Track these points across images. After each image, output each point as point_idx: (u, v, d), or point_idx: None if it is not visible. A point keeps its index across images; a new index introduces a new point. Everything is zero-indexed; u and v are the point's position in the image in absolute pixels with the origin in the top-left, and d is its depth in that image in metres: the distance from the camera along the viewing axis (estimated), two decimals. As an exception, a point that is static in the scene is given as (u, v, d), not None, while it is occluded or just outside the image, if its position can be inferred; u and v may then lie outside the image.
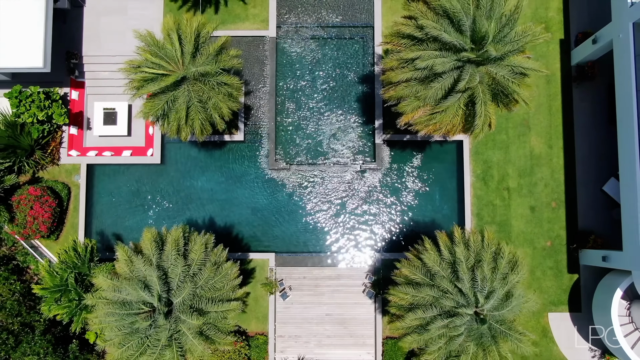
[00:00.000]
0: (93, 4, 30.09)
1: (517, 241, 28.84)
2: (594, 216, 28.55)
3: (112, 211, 29.54)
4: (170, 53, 21.85)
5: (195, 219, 29.51)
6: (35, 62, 25.79)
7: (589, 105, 29.14)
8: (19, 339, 25.77)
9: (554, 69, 29.70)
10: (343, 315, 28.73)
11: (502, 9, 20.05)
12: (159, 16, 30.11)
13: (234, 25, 29.97)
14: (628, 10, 24.40)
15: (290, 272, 28.85)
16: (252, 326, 28.53)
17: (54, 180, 28.99)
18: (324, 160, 29.68)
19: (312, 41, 30.30)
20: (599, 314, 26.54)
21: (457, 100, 21.26)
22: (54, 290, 25.05)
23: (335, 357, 28.65)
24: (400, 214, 29.53)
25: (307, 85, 30.11)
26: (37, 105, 26.51)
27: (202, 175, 29.89)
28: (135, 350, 19.53)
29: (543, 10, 29.96)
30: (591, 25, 29.03)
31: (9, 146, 27.26)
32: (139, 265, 19.78)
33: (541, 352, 28.44)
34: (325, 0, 30.25)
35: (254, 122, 29.86)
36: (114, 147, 29.45)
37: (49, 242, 28.85)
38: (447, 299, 19.17)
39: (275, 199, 29.68)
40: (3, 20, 25.91)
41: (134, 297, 19.25)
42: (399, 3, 30.00)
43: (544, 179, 29.09)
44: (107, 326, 19.65)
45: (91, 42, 30.00)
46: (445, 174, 29.77)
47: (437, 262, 20.31)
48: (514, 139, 29.29)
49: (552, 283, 28.66)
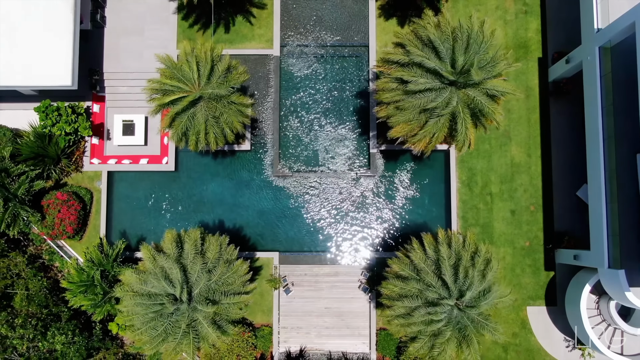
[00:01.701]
0: (113, 25, 32.94)
1: (499, 241, 31.71)
2: (568, 219, 31.40)
3: (130, 214, 32.39)
4: (188, 75, 24.71)
5: (205, 221, 32.35)
6: (64, 80, 28.67)
7: (565, 118, 32.00)
8: (48, 325, 28.62)
9: (532, 84, 32.58)
10: (340, 309, 31.56)
11: (478, 39, 22.89)
12: (172, 36, 32.95)
13: (241, 45, 32.85)
14: (595, 35, 27.29)
15: (292, 269, 31.72)
16: (258, 318, 31.40)
17: (78, 186, 31.85)
18: (323, 168, 32.57)
19: (313, 59, 33.18)
20: (571, 308, 29.39)
21: (439, 118, 24.10)
22: (81, 285, 27.93)
23: (333, 347, 31.49)
24: (392, 216, 32.41)
25: (308, 99, 33.00)
26: (65, 119, 29.37)
27: (212, 181, 32.74)
28: (159, 335, 22.41)
29: (523, 31, 32.85)
30: (566, 46, 31.82)
31: (39, 155, 30.11)
32: (162, 262, 22.66)
33: (520, 342, 31.33)
34: (325, 22, 33.15)
35: (259, 133, 32.73)
36: (132, 156, 32.26)
37: (73, 242, 31.72)
38: (430, 291, 22.10)
39: (279, 203, 32.54)
40: (35, 43, 28.74)
41: (158, 289, 22.13)
42: (392, 24, 32.90)
43: (523, 185, 31.96)
44: (134, 315, 22.51)
45: (111, 60, 32.84)
46: (433, 180, 32.63)
47: (422, 260, 23.23)
48: (496, 148, 32.16)
49: (531, 279, 31.52)
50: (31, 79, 28.62)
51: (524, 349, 31.30)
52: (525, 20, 32.81)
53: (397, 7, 32.55)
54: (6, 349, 27.57)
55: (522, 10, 32.88)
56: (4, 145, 29.86)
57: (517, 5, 32.86)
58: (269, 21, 32.88)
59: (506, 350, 31.26)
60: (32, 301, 29.12)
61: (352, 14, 33.09)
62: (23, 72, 28.53)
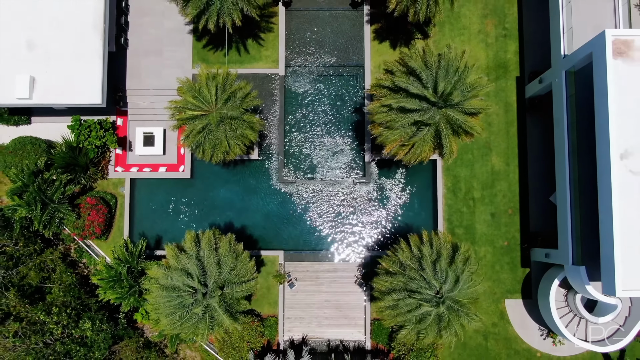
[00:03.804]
0: (135, 47, 36.67)
1: (480, 241, 35.46)
2: (542, 221, 35.08)
3: (150, 216, 36.14)
4: (206, 97, 28.43)
5: (218, 223, 36.10)
6: (95, 99, 32.38)
7: (539, 131, 35.69)
8: (80, 314, 32.41)
9: (511, 100, 36.31)
10: (339, 301, 35.29)
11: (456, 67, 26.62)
12: (188, 57, 36.66)
13: (250, 65, 36.58)
14: (562, 60, 31.03)
15: (295, 266, 35.47)
16: (265, 310, 35.18)
17: (104, 191, 35.62)
18: (323, 175, 36.32)
19: (314, 78, 36.93)
20: (542, 300, 33.12)
21: (426, 132, 27.83)
22: (110, 280, 31.66)
23: (332, 335, 35.24)
24: (385, 218, 36.16)
25: (310, 114, 36.75)
26: (95, 134, 33.19)
27: (224, 187, 36.48)
28: (179, 320, 26.25)
29: (503, 53, 36.56)
30: (541, 66, 35.50)
31: (70, 164, 33.88)
32: (184, 259, 26.45)
33: (499, 331, 35.09)
34: (325, 45, 36.90)
35: (266, 144, 36.47)
36: (151, 164, 35.99)
37: (99, 241, 35.51)
38: (413, 283, 25.89)
39: (283, 207, 36.30)
40: (70, 66, 32.44)
41: (180, 282, 25.93)
42: (385, 46, 36.64)
43: (502, 191, 35.69)
44: (160, 304, 26.31)
45: (133, 78, 36.56)
46: (422, 187, 36.36)
47: (408, 257, 27.00)
48: (478, 158, 35.88)
49: (509, 275, 35.26)
50: (66, 97, 32.33)
51: (502, 338, 35.02)
52: (505, 43, 36.53)
53: (390, 31, 36.29)
54: (44, 333, 31.33)
55: (502, 34, 36.60)
56: (39, 155, 33.61)
57: (497, 29, 36.58)
58: (275, 44, 36.63)
59: (486, 339, 35.00)
60: (66, 292, 32.86)
61: (349, 37, 36.87)
62: (59, 92, 32.24)
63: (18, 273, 32.73)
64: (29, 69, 32.15)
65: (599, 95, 26.91)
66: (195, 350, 35.62)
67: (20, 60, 32.23)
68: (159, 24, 36.63)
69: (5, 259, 32.86)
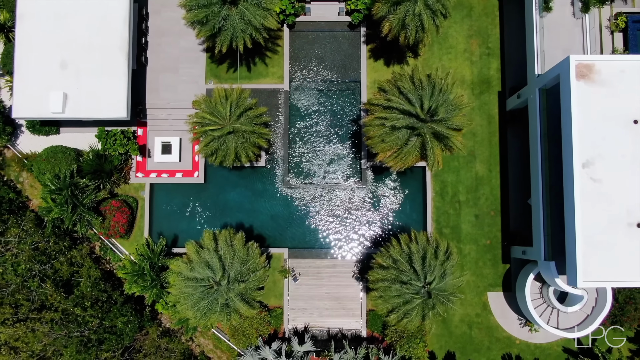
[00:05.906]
0: (153, 65, 40.54)
1: (465, 240, 39.33)
2: (520, 222, 38.86)
3: (168, 218, 39.99)
4: (221, 113, 32.31)
5: (229, 223, 39.97)
6: (120, 113, 36.20)
7: (519, 141, 39.49)
8: (109, 307, 36.33)
9: (493, 113, 40.18)
10: (338, 294, 39.12)
11: (441, 87, 30.53)
12: (202, 73, 40.52)
13: (257, 80, 40.46)
14: (536, 79, 34.93)
15: (299, 262, 39.32)
16: (272, 301, 39.05)
17: (126, 195, 39.50)
18: (324, 180, 40.22)
19: (316, 92, 40.83)
20: (519, 293, 36.99)
21: (413, 144, 31.72)
22: (134, 274, 35.53)
23: (332, 324, 39.10)
24: (380, 219, 40.06)
25: (311, 125, 40.64)
26: (119, 143, 37.09)
27: (234, 191, 40.34)
28: (201, 310, 30.10)
29: (486, 70, 40.46)
30: (520, 82, 39.26)
31: (96, 170, 37.75)
32: (204, 255, 30.35)
33: (482, 321, 38.95)
34: (326, 62, 40.83)
35: (272, 152, 40.37)
36: (169, 170, 39.81)
37: (122, 240, 39.38)
38: (403, 275, 29.82)
39: (288, 209, 40.20)
40: (98, 83, 36.25)
41: (203, 274, 29.82)
42: (380, 64, 40.55)
43: (485, 194, 39.58)
44: (183, 295, 30.17)
45: (152, 93, 40.41)
46: (413, 190, 40.26)
47: (399, 253, 30.92)
48: (463, 165, 39.76)
49: (491, 271, 39.15)
50: (95, 111, 36.16)
51: (485, 327, 38.89)
52: (488, 61, 40.45)
53: (384, 50, 40.22)
54: (80, 324, 35.25)
55: (486, 52, 40.52)
56: (70, 162, 37.47)
57: (481, 48, 40.50)
58: (280, 61, 40.53)
59: (471, 328, 38.86)
60: (93, 287, 36.73)
61: (347, 55, 40.80)
62: (89, 106, 36.07)
63: (52, 267, 36.63)
64: (62, 86, 35.97)
65: (565, 112, 30.78)
66: (207, 339, 39.54)
67: (54, 78, 36.01)
68: (175, 43, 40.49)
69: (39, 254, 36.78)
